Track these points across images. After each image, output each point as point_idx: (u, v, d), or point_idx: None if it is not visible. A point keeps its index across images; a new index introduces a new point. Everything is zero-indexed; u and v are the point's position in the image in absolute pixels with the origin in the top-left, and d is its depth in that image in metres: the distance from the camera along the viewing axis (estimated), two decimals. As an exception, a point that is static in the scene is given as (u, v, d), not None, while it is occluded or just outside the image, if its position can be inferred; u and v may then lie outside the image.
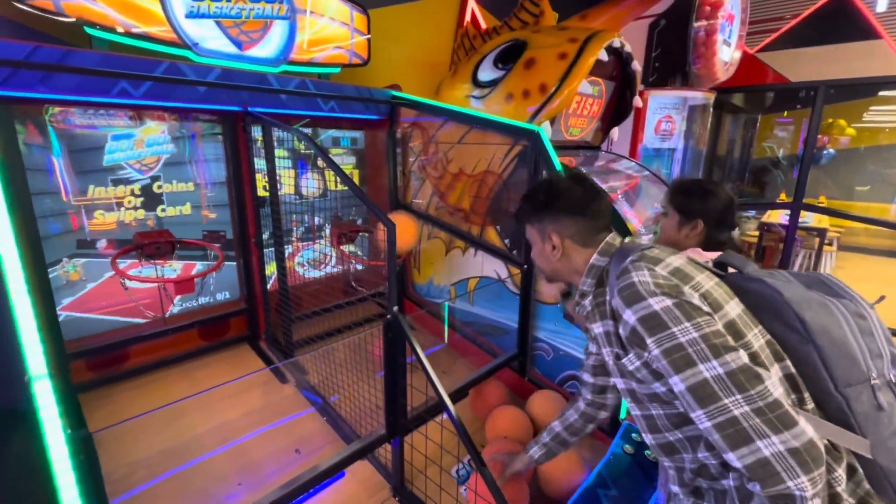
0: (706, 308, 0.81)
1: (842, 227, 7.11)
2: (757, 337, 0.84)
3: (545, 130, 2.16)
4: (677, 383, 0.79)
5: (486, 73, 2.56)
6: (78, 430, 0.85)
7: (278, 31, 2.30)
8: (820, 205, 5.65)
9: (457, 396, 2.14)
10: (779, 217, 5.66)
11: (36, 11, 1.69)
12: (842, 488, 0.78)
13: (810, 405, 0.82)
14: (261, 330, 2.60)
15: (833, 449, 0.79)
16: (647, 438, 1.00)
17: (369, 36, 2.77)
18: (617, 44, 2.34)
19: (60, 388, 0.84)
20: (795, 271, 0.97)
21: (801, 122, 8.24)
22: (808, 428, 0.71)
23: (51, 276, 1.93)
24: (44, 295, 1.87)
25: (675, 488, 0.98)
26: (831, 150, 7.73)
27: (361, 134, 3.01)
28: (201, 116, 2.28)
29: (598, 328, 1.02)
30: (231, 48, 2.15)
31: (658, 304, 0.81)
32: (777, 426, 0.70)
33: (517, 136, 2.28)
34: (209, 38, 2.07)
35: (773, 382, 0.75)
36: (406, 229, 2.60)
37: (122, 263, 2.06)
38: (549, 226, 1.05)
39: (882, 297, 1.16)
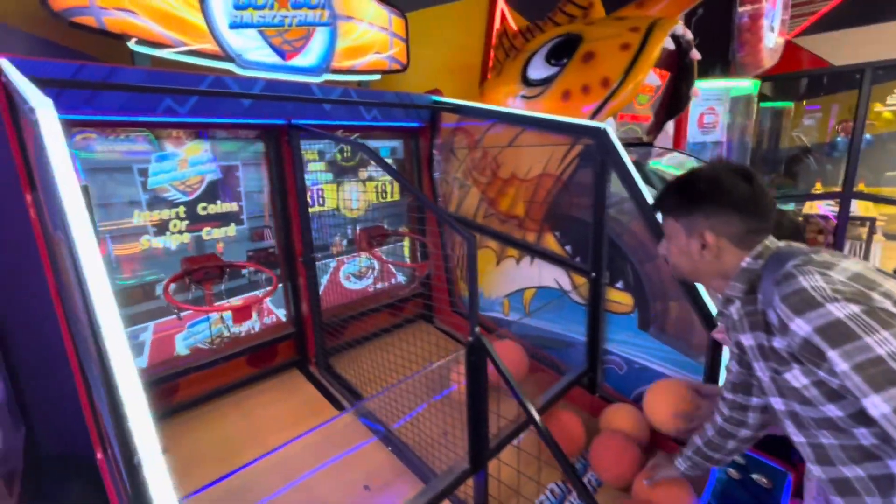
0: None
1: (885, 215, 6.81)
2: None
3: (611, 127, 2.00)
4: (878, 405, 0.66)
5: (538, 70, 2.42)
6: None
7: (320, 38, 2.19)
8: (871, 193, 5.38)
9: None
10: (818, 208, 5.42)
11: (79, 29, 1.59)
12: None
13: None
14: (310, 354, 2.47)
15: None
16: (815, 471, 0.86)
17: (408, 41, 2.66)
18: (679, 30, 2.18)
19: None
20: None
21: (830, 108, 7.98)
22: None
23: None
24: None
25: None
26: (868, 136, 7.43)
27: (400, 143, 2.89)
28: (243, 133, 2.16)
29: (747, 340, 0.92)
30: (273, 58, 2.04)
31: (841, 310, 0.70)
32: None
33: (578, 136, 2.13)
34: (252, 48, 1.96)
35: None
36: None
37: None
38: (702, 221, 0.95)
39: None
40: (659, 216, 1.27)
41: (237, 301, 2.15)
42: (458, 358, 1.61)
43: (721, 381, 1.85)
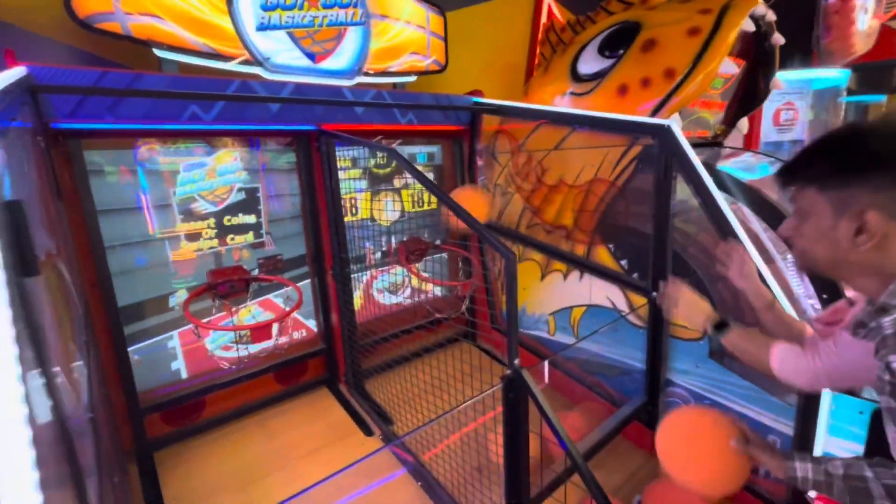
0: None
1: None
2: None
3: (676, 124, 1.73)
4: None
5: (590, 64, 2.17)
6: None
7: (352, 38, 2.07)
8: None
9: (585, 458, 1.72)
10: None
11: (104, 36, 1.55)
12: None
13: None
14: (340, 371, 2.34)
15: None
16: None
17: (446, 39, 2.50)
18: (760, 10, 1.87)
19: None
20: None
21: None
22: None
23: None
24: (115, 340, 1.71)
25: None
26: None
27: (439, 148, 2.72)
28: (271, 141, 2.08)
29: None
30: (304, 61, 1.94)
31: None
32: None
33: (637, 135, 1.87)
34: (281, 51, 1.87)
35: None
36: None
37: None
38: (865, 197, 0.69)
39: None
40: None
41: (255, 305, 2.06)
42: (495, 392, 1.40)
43: (819, 428, 1.52)
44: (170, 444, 1.91)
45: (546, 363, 2.41)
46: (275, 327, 1.71)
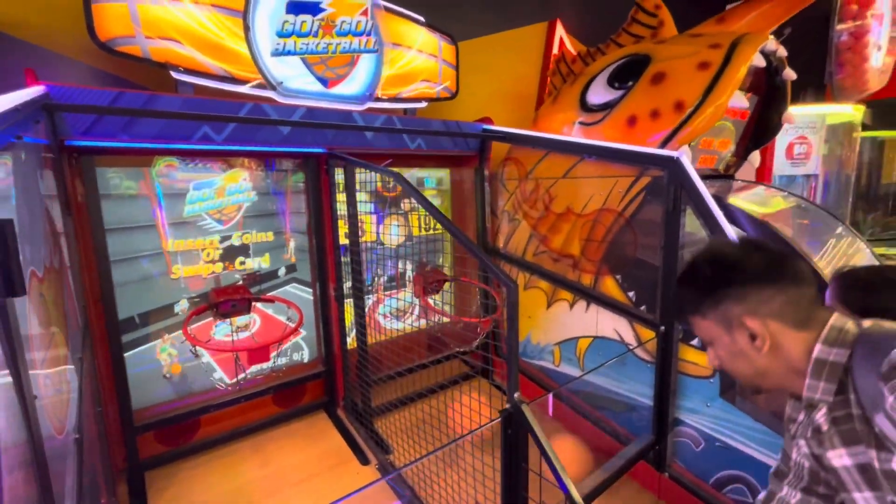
0: None
1: None
2: None
3: (686, 156, 1.71)
4: None
5: (599, 95, 2.18)
6: None
7: (365, 65, 2.12)
8: None
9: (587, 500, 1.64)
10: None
11: (124, 59, 1.60)
12: None
13: None
14: (339, 396, 2.29)
15: None
16: None
17: (458, 68, 2.54)
18: (770, 46, 1.87)
19: None
20: None
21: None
22: None
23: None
24: (115, 357, 1.70)
25: None
26: None
27: (447, 174, 2.74)
28: (283, 162, 2.11)
29: (840, 459, 0.69)
30: (316, 86, 1.98)
31: None
32: None
33: (645, 166, 1.86)
34: (294, 76, 1.92)
35: None
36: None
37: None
38: (734, 307, 0.74)
39: None
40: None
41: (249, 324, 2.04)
42: (494, 428, 1.35)
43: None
44: (162, 465, 1.87)
45: (550, 396, 2.34)
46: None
